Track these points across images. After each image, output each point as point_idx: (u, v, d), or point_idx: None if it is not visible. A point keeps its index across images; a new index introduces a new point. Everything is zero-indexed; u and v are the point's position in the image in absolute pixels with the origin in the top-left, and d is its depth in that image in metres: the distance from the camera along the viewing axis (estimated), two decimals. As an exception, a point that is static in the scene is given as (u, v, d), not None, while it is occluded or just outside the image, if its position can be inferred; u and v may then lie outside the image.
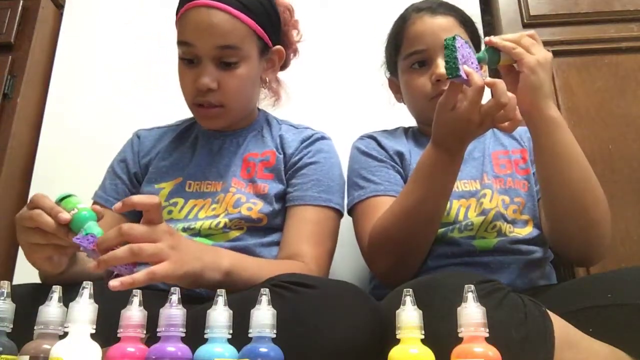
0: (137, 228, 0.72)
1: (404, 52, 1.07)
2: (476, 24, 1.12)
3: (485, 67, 1.06)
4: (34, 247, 0.75)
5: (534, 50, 0.85)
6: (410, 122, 1.19)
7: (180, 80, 1.02)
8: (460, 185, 1.02)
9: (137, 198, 0.73)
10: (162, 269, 0.70)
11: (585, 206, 0.88)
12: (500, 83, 0.79)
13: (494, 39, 0.86)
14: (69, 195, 0.75)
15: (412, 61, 1.06)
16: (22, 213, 0.75)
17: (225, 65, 0.98)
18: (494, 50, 0.87)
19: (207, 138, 1.09)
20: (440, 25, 1.04)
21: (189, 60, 0.99)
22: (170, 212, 1.00)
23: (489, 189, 1.02)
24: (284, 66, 1.17)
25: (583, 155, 0.89)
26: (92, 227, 0.72)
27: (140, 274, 0.69)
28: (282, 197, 1.03)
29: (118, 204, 0.72)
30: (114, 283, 0.67)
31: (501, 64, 0.88)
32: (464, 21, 1.07)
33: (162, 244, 0.72)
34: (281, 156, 1.05)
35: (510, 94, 0.79)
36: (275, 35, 1.06)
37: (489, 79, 0.79)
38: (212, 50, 0.96)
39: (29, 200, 0.75)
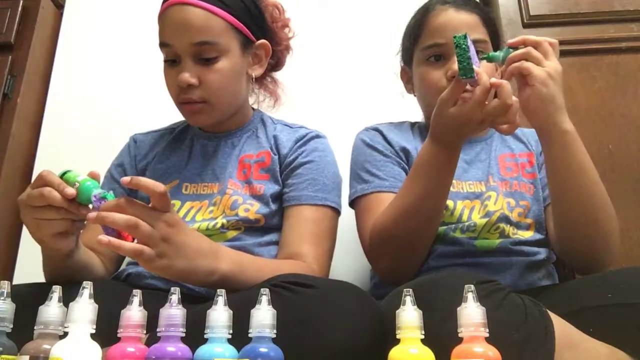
0: (136, 206, 0.72)
1: (422, 43, 1.06)
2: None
3: (496, 68, 1.06)
4: (44, 223, 0.76)
5: (546, 61, 0.83)
6: (413, 118, 1.19)
7: (165, 82, 1.02)
8: (465, 187, 1.02)
9: (143, 180, 0.73)
10: (147, 253, 0.71)
11: (598, 219, 0.88)
12: (507, 84, 0.78)
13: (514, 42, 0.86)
14: (66, 172, 0.76)
15: (430, 54, 1.04)
16: (29, 192, 0.75)
17: (205, 61, 0.98)
18: (508, 51, 0.86)
19: (202, 140, 1.09)
20: (464, 21, 1.02)
21: (171, 61, 1.00)
22: None
23: (494, 191, 1.02)
24: (278, 65, 1.16)
25: (594, 168, 0.89)
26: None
27: (130, 245, 0.70)
28: (278, 198, 1.03)
29: (126, 177, 0.73)
30: (102, 239, 0.69)
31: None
32: (487, 20, 1.06)
33: (155, 231, 0.72)
34: (276, 157, 1.05)
35: (514, 98, 0.79)
36: (258, 30, 1.06)
37: (494, 80, 0.79)
38: (189, 47, 0.96)
39: (35, 178, 0.75)
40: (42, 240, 0.78)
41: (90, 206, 0.74)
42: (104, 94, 1.52)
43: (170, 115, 1.18)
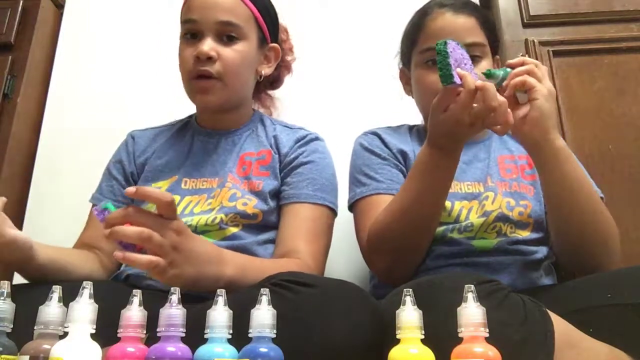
0: (144, 215, 0.72)
1: (419, 47, 1.06)
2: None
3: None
4: None
5: (544, 81, 0.85)
6: (411, 121, 1.19)
7: (179, 58, 1.04)
8: (463, 187, 1.03)
9: (149, 190, 0.73)
10: (162, 265, 0.71)
11: (595, 228, 0.90)
12: (491, 87, 0.79)
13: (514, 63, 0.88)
14: None
15: (427, 57, 1.04)
16: None
17: (227, 39, 1.02)
18: (506, 71, 0.87)
19: (202, 137, 1.10)
20: (461, 24, 1.02)
21: (191, 35, 1.02)
22: None
23: (492, 192, 1.02)
24: (277, 84, 1.20)
25: (590, 184, 0.90)
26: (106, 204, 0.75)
27: (145, 258, 0.70)
28: (276, 195, 1.03)
29: (131, 189, 0.72)
30: (118, 254, 0.69)
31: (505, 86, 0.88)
32: (486, 23, 1.06)
33: (165, 240, 0.72)
34: (277, 155, 1.06)
35: (501, 98, 0.79)
36: (273, 34, 1.10)
37: (479, 82, 0.79)
38: (214, 24, 1.00)
39: None
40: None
41: (95, 212, 0.74)
42: (104, 94, 1.52)
43: (170, 115, 1.19)
